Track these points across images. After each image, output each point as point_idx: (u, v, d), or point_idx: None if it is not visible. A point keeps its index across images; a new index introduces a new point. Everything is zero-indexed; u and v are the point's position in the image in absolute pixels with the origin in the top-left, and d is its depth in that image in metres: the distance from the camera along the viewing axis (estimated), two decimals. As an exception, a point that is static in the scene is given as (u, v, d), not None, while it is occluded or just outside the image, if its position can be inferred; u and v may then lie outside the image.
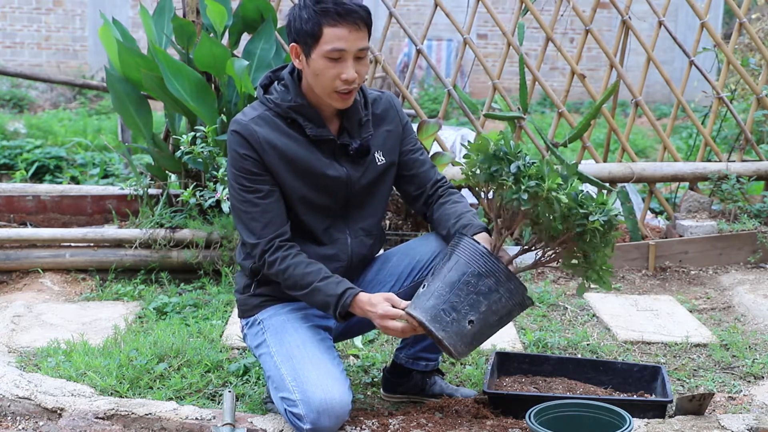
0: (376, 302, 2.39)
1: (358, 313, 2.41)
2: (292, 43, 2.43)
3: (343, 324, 2.60)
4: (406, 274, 2.62)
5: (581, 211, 2.25)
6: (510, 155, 2.30)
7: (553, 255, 2.38)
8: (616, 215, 2.28)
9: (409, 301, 2.38)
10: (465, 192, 4.53)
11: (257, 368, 2.93)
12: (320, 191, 2.51)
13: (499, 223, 2.38)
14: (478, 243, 2.34)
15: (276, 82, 2.54)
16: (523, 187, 2.24)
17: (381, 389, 2.85)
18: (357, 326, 2.69)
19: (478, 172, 2.35)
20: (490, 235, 2.43)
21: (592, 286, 4.18)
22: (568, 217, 2.26)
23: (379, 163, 2.57)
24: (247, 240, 2.47)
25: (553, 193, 2.23)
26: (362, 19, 2.38)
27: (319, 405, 2.33)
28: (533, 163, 2.28)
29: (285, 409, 2.40)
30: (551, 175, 2.24)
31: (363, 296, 2.41)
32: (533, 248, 2.41)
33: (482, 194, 2.43)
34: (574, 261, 2.35)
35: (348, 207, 2.57)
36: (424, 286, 2.37)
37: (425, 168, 2.67)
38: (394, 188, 2.73)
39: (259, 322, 2.57)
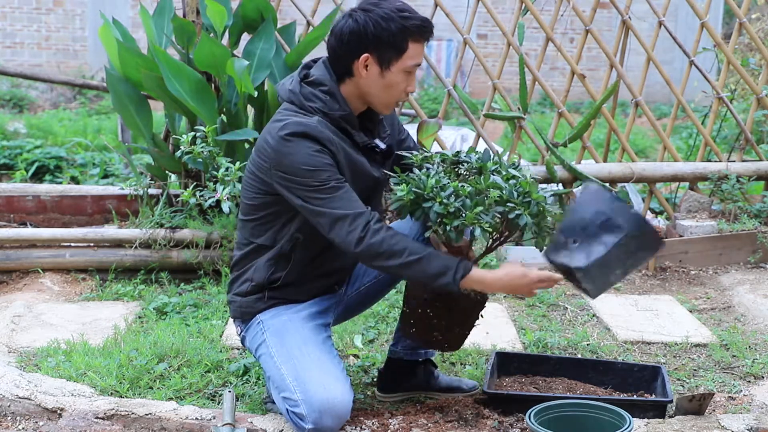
0: (518, 272, 2.41)
1: (474, 286, 2.40)
2: (364, 54, 2.40)
3: (343, 306, 2.69)
4: None
5: (509, 216, 2.38)
6: (427, 193, 2.36)
7: (502, 240, 2.54)
8: (543, 199, 2.41)
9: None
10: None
11: (257, 368, 2.92)
12: (361, 192, 2.50)
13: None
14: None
15: (307, 86, 2.47)
16: (448, 228, 2.35)
17: (377, 390, 2.84)
18: (358, 305, 2.75)
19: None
20: None
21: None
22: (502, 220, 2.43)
23: (390, 160, 2.62)
24: (345, 214, 2.35)
25: (477, 223, 2.35)
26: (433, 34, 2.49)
27: (321, 404, 2.33)
28: (452, 194, 2.36)
29: (287, 409, 2.40)
30: (474, 204, 2.35)
31: (480, 270, 2.41)
32: (493, 246, 2.55)
33: None
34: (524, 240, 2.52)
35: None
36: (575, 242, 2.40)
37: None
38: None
39: (260, 323, 2.56)
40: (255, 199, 2.53)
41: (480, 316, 2.59)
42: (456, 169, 2.52)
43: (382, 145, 2.56)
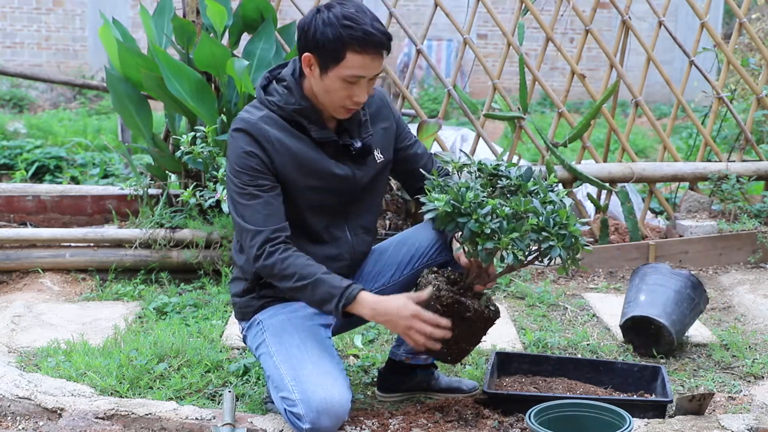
0: (400, 302, 2.37)
1: (360, 311, 2.38)
2: (307, 53, 2.41)
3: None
4: (405, 262, 2.64)
5: (542, 246, 2.32)
6: (465, 208, 2.32)
7: (527, 264, 2.45)
8: (580, 234, 2.34)
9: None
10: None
11: (257, 368, 2.92)
12: (326, 191, 2.51)
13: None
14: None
15: (275, 83, 2.52)
16: (479, 248, 2.31)
17: (377, 390, 2.84)
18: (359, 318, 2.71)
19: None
20: None
21: (590, 286, 4.17)
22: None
23: (378, 161, 2.60)
24: (248, 228, 2.41)
25: (511, 249, 2.31)
26: (385, 48, 2.39)
27: (319, 405, 2.32)
28: (490, 213, 2.31)
29: (285, 409, 2.40)
30: (510, 228, 2.30)
31: (369, 294, 2.40)
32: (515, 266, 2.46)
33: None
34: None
35: (348, 205, 2.58)
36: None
37: (424, 161, 2.71)
38: (398, 182, 2.75)
39: (259, 323, 2.56)
40: None
41: (486, 333, 2.55)
42: (492, 181, 2.46)
43: (357, 144, 2.54)
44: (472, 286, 2.47)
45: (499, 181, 2.45)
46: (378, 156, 2.59)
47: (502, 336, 3.40)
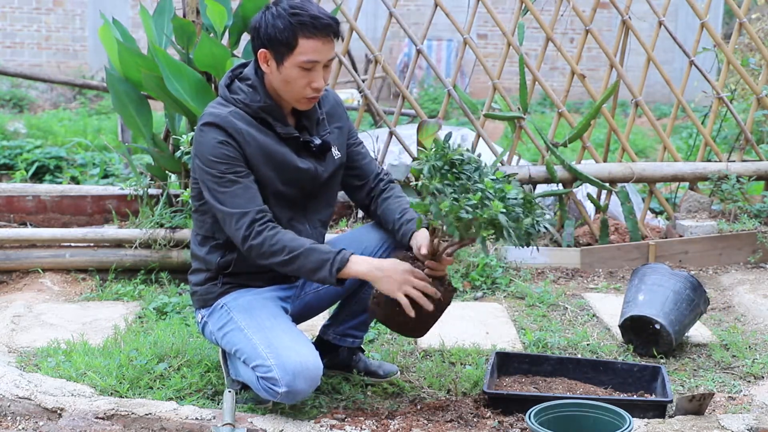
0: (394, 260, 2.47)
1: (357, 269, 2.45)
2: (262, 49, 2.51)
3: (301, 303, 2.74)
4: None
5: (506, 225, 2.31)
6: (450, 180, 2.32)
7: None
8: (539, 217, 2.34)
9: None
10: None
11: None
12: (290, 184, 2.60)
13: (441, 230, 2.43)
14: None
15: (238, 81, 2.60)
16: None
17: None
18: (316, 305, 2.80)
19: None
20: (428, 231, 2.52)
21: (590, 286, 4.17)
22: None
23: (336, 158, 2.70)
24: (233, 212, 2.47)
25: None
26: (335, 33, 2.51)
27: (295, 367, 2.39)
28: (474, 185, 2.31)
29: (258, 378, 2.46)
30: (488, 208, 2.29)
31: (361, 256, 2.50)
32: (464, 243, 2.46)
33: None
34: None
35: (308, 199, 2.67)
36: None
37: (367, 160, 2.81)
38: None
39: (223, 306, 2.63)
40: (194, 190, 2.64)
41: (449, 304, 2.57)
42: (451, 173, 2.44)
43: (317, 141, 2.63)
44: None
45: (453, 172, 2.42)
46: (335, 153, 2.69)
47: (502, 336, 3.40)
